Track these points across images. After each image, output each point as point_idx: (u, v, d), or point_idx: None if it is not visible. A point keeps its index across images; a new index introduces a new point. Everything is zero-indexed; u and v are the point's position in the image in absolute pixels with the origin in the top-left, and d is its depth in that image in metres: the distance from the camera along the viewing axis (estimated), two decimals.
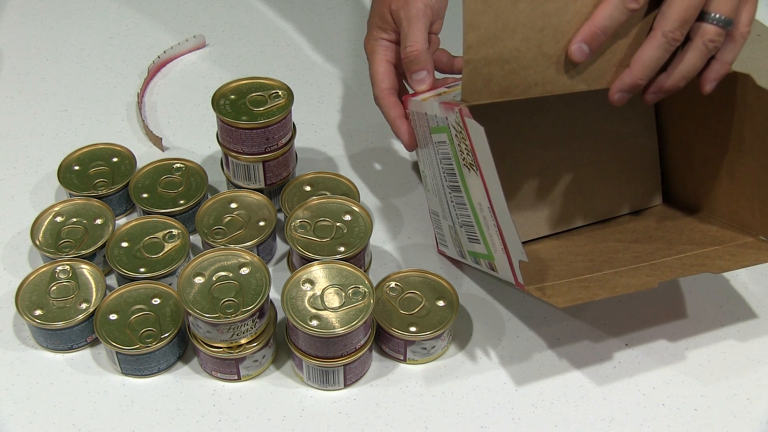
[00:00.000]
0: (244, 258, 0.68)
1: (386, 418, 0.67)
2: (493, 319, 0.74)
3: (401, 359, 0.71)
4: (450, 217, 0.71)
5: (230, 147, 0.77)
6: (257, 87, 0.78)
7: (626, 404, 0.68)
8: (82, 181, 0.80)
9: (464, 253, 0.71)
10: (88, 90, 0.92)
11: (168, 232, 0.75)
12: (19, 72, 0.94)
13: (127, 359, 0.68)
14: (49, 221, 0.76)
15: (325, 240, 0.73)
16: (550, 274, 0.68)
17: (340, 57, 0.96)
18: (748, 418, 0.68)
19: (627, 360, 0.71)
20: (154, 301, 0.71)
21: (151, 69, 0.93)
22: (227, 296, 0.66)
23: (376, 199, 0.82)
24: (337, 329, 0.65)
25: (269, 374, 0.70)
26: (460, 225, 0.69)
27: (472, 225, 0.67)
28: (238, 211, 0.77)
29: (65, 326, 0.69)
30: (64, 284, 0.72)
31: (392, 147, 0.87)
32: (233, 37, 0.98)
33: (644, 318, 0.74)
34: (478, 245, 0.68)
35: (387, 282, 0.72)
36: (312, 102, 0.91)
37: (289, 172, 0.80)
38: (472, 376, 0.70)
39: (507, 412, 0.68)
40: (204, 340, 0.67)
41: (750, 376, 0.70)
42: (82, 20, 1.00)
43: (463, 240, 0.70)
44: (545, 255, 0.73)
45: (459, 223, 0.69)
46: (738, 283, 0.76)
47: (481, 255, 0.68)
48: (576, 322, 0.73)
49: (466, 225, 0.68)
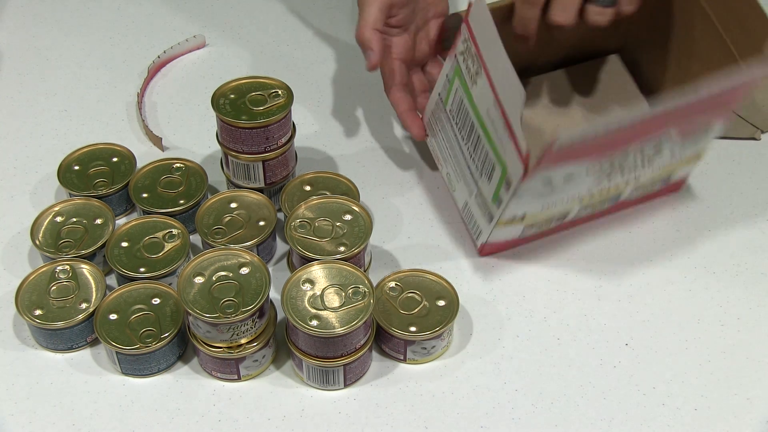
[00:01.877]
0: (244, 258, 0.68)
1: (386, 418, 0.67)
2: (493, 319, 0.74)
3: (401, 359, 0.71)
4: (473, 180, 0.75)
5: (230, 146, 0.77)
6: (257, 86, 0.78)
7: (626, 404, 0.68)
8: (82, 181, 0.80)
9: (490, 207, 0.73)
10: (88, 90, 0.92)
11: (168, 232, 0.75)
12: (19, 72, 0.94)
13: (127, 359, 0.68)
14: (49, 221, 0.76)
15: (325, 240, 0.73)
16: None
17: (341, 57, 0.96)
18: (748, 418, 0.67)
19: (627, 360, 0.71)
20: (154, 301, 0.71)
21: (151, 69, 0.93)
22: (227, 296, 0.66)
23: (376, 199, 0.82)
24: (337, 329, 0.65)
25: (269, 374, 0.70)
26: (479, 173, 0.73)
27: (487, 154, 0.71)
28: (238, 211, 0.77)
29: (65, 326, 0.69)
30: (64, 284, 0.72)
31: (392, 147, 0.87)
32: (233, 37, 0.98)
33: (644, 318, 0.74)
34: (495, 173, 0.71)
35: (387, 282, 0.72)
36: (312, 102, 0.91)
37: (288, 172, 0.80)
38: (472, 376, 0.70)
39: (507, 412, 0.68)
40: (204, 340, 0.67)
41: (750, 376, 0.70)
42: (82, 20, 1.00)
43: (485, 191, 0.73)
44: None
45: (477, 171, 0.74)
46: (738, 283, 0.76)
47: (498, 182, 0.70)
48: (576, 322, 0.73)
49: (482, 160, 0.72)
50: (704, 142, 0.75)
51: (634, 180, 0.75)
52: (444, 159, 0.79)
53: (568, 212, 0.75)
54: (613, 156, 0.69)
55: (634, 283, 0.76)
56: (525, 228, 0.75)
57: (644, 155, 0.72)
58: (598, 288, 0.75)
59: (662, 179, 0.78)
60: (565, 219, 0.76)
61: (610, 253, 0.78)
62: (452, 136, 0.76)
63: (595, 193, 0.74)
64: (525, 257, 0.78)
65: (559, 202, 0.72)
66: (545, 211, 0.73)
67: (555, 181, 0.69)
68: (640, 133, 0.68)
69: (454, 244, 0.79)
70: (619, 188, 0.75)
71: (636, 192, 0.78)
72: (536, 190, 0.69)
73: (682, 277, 0.76)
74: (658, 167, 0.75)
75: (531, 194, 0.69)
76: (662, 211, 0.81)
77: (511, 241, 0.77)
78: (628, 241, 0.79)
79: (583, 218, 0.78)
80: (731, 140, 0.86)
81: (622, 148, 0.69)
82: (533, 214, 0.73)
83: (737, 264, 0.77)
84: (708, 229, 0.80)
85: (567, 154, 0.65)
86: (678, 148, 0.74)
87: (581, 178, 0.70)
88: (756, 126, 0.87)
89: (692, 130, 0.72)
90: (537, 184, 0.68)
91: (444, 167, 0.80)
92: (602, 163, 0.69)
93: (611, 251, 0.78)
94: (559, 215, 0.75)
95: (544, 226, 0.76)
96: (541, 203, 0.72)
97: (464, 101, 0.73)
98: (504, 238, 0.76)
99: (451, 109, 0.75)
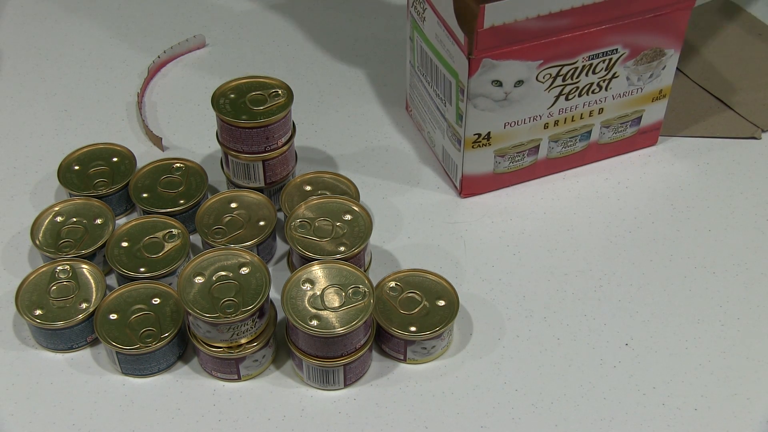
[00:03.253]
0: (244, 258, 0.68)
1: (386, 418, 0.67)
2: (493, 319, 0.74)
3: (401, 359, 0.71)
4: (442, 117, 0.79)
5: (230, 146, 0.77)
6: (257, 86, 0.78)
7: (626, 404, 0.68)
8: (82, 181, 0.80)
9: (456, 131, 0.77)
10: (88, 90, 0.92)
11: (168, 231, 0.75)
12: (19, 72, 0.94)
13: (127, 359, 0.68)
14: (49, 221, 0.76)
15: (325, 240, 0.73)
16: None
17: (340, 57, 0.96)
18: (748, 418, 0.68)
19: (627, 360, 0.71)
20: (154, 301, 0.71)
21: (151, 69, 0.93)
22: (227, 296, 0.66)
23: (376, 199, 0.82)
24: (337, 329, 0.65)
25: (269, 374, 0.70)
26: (444, 102, 0.78)
27: (444, 76, 0.75)
28: (238, 211, 0.77)
29: (65, 326, 0.70)
30: (64, 284, 0.72)
31: (392, 147, 0.87)
32: (233, 37, 0.98)
33: (644, 318, 0.74)
34: (452, 90, 0.75)
35: (387, 282, 0.72)
36: (312, 102, 0.91)
37: (288, 171, 0.80)
38: (472, 376, 0.70)
39: (507, 412, 0.68)
40: (204, 340, 0.67)
41: (750, 376, 0.70)
42: (82, 20, 1.00)
43: (450, 117, 0.77)
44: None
45: (442, 102, 0.78)
46: (738, 283, 0.76)
47: (456, 97, 0.75)
48: (576, 322, 0.73)
49: (442, 86, 0.76)
50: (665, 76, 0.79)
51: (598, 111, 0.78)
52: (423, 120, 0.84)
53: (537, 143, 0.79)
54: (560, 59, 0.73)
55: (634, 283, 0.76)
56: (496, 157, 0.79)
57: (597, 74, 0.76)
58: (598, 288, 0.76)
59: (631, 120, 0.81)
60: (537, 154, 0.80)
61: (610, 253, 0.78)
62: (424, 90, 0.81)
63: (558, 117, 0.77)
64: (525, 257, 0.78)
65: (521, 123, 0.76)
66: (509, 132, 0.77)
67: (506, 84, 0.73)
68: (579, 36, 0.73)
69: (454, 244, 0.79)
70: (584, 118, 0.78)
71: (608, 134, 0.81)
72: (489, 93, 0.73)
73: (682, 277, 0.76)
74: (619, 94, 0.78)
75: (485, 100, 0.74)
76: (662, 211, 0.81)
77: (488, 177, 0.81)
78: (629, 241, 0.79)
79: (561, 160, 0.81)
80: (731, 140, 0.86)
81: (567, 50, 0.73)
82: (498, 134, 0.77)
83: (737, 264, 0.77)
84: (708, 229, 0.80)
85: (503, 38, 0.70)
86: (634, 75, 0.78)
87: (533, 85, 0.74)
88: (756, 125, 0.87)
89: (641, 50, 0.76)
90: (486, 84, 0.73)
91: (425, 128, 0.84)
92: (550, 69, 0.73)
93: (611, 251, 0.78)
94: (528, 144, 0.79)
95: (517, 160, 0.79)
96: (501, 117, 0.76)
97: (423, 47, 0.78)
98: (479, 170, 0.80)
99: (419, 65, 0.81)
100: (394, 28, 0.99)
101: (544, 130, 0.78)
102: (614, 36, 0.74)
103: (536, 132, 0.78)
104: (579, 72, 0.75)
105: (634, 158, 0.85)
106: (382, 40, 0.98)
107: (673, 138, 0.87)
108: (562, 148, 0.81)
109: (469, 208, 0.81)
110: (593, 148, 0.82)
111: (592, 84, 0.76)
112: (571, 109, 0.78)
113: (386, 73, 0.94)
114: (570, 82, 0.75)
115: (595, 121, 0.80)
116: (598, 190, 0.83)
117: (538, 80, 0.74)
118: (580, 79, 0.76)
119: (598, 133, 0.81)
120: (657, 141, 0.86)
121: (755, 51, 0.94)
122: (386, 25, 0.99)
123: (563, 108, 0.77)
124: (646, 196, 0.82)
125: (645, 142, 0.85)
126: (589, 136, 0.81)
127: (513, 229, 0.80)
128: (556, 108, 0.77)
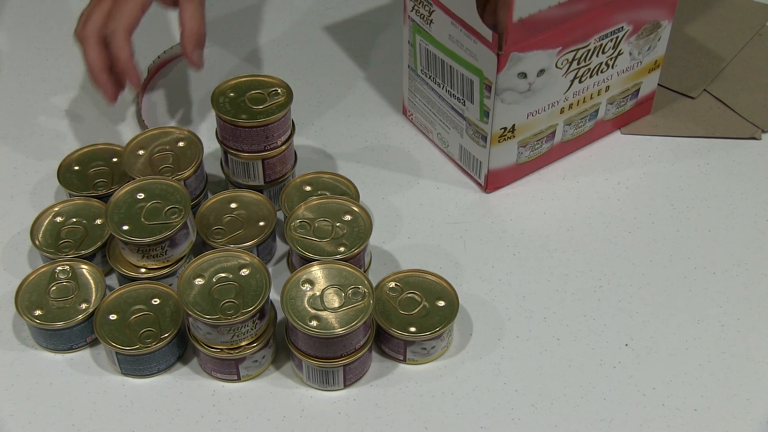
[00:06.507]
0: (244, 259, 0.68)
1: (386, 418, 0.67)
2: (493, 319, 0.74)
3: (401, 359, 0.71)
4: (459, 116, 0.79)
5: (229, 145, 0.77)
6: (256, 85, 0.78)
7: (626, 404, 0.68)
8: (82, 181, 0.80)
9: (481, 128, 0.77)
10: (88, 90, 0.92)
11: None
12: (19, 72, 0.94)
13: (127, 359, 0.68)
14: (49, 221, 0.76)
15: (324, 240, 0.73)
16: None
17: (340, 57, 0.96)
18: (748, 418, 0.68)
19: (627, 360, 0.71)
20: (154, 302, 0.71)
21: (151, 69, 0.93)
22: (227, 297, 0.66)
23: (376, 199, 0.82)
24: (336, 329, 0.65)
25: (269, 374, 0.70)
26: (462, 101, 0.78)
27: (462, 75, 0.76)
28: (238, 211, 0.77)
29: (65, 326, 0.70)
30: (63, 284, 0.72)
31: (392, 147, 0.87)
32: (233, 37, 0.98)
33: (644, 318, 0.74)
34: (474, 87, 0.75)
35: (387, 282, 0.72)
36: (312, 102, 0.91)
37: (288, 170, 0.80)
38: (472, 376, 0.70)
39: (507, 412, 0.68)
40: (204, 341, 0.67)
41: (750, 376, 0.70)
42: None
43: (472, 115, 0.77)
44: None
45: (460, 102, 0.78)
46: (738, 283, 0.76)
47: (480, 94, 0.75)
48: (576, 323, 0.73)
49: (460, 85, 0.77)
50: (659, 47, 0.82)
51: (605, 89, 0.81)
52: (431, 122, 0.84)
53: (553, 129, 0.80)
54: (576, 44, 0.75)
55: (634, 283, 0.76)
56: (519, 148, 0.80)
57: (606, 54, 0.78)
58: (598, 288, 0.75)
59: (631, 93, 0.84)
60: (554, 140, 0.81)
61: (610, 253, 0.78)
62: (430, 92, 0.81)
63: (572, 100, 0.79)
64: (525, 257, 0.78)
65: (542, 111, 0.78)
66: (531, 122, 0.78)
67: (530, 75, 0.74)
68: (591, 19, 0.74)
69: (454, 244, 0.79)
70: (593, 98, 0.80)
71: (612, 109, 0.84)
72: (515, 85, 0.74)
73: (682, 277, 0.76)
74: (622, 69, 0.81)
75: (511, 93, 0.74)
76: (662, 211, 0.81)
77: (512, 169, 0.81)
78: (629, 241, 0.79)
79: (572, 142, 0.83)
80: (731, 140, 0.86)
81: (581, 34, 0.75)
82: (521, 125, 0.78)
83: (737, 264, 0.77)
84: (708, 229, 0.80)
85: (529, 30, 0.71)
86: (635, 50, 0.80)
87: (552, 72, 0.75)
88: (756, 126, 0.87)
89: (642, 25, 0.79)
90: (513, 77, 0.73)
91: (434, 130, 0.84)
92: (567, 54, 0.75)
93: (611, 251, 0.78)
94: (546, 131, 0.80)
95: (536, 148, 0.81)
96: (525, 108, 0.76)
97: (429, 49, 0.78)
98: (503, 164, 0.80)
99: (422, 67, 0.81)
100: (394, 28, 0.99)
101: (560, 115, 0.80)
102: (621, 14, 0.76)
103: (554, 118, 0.80)
104: (591, 54, 0.77)
105: (634, 158, 0.85)
106: (382, 40, 0.97)
107: (673, 138, 0.87)
108: (574, 130, 0.83)
109: (470, 208, 0.81)
110: (600, 125, 0.85)
111: (601, 64, 0.79)
112: (583, 91, 0.80)
113: (386, 73, 0.93)
114: (583, 64, 0.77)
115: (602, 99, 0.82)
116: (598, 190, 0.83)
117: (557, 67, 0.75)
118: (592, 61, 0.78)
119: (604, 110, 0.83)
120: (651, 110, 0.88)
121: (756, 51, 0.94)
122: (386, 24, 0.99)
123: (577, 91, 0.79)
124: (646, 196, 0.82)
125: (642, 113, 0.87)
126: (597, 114, 0.83)
127: (513, 229, 0.80)
128: (571, 92, 0.79)
